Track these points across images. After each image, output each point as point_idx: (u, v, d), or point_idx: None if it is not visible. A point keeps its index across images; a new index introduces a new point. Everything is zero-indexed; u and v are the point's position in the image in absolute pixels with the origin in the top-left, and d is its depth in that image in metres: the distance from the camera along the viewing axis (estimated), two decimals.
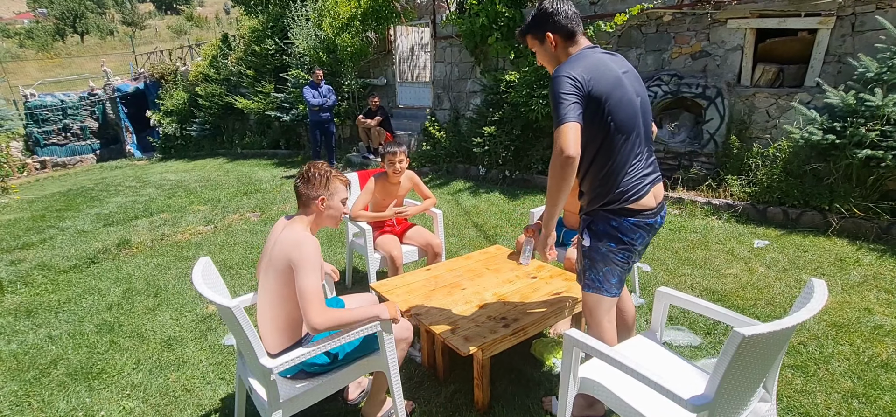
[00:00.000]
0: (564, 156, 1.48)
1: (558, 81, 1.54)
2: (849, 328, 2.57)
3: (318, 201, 1.78)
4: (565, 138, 1.48)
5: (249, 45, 10.87)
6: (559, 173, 1.51)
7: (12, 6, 66.41)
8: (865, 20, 4.16)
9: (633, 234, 1.66)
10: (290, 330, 1.74)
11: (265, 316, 1.74)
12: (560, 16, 1.64)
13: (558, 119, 1.51)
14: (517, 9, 6.26)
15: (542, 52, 1.74)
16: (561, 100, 1.51)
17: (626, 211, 1.64)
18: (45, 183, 10.34)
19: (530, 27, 1.72)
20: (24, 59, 33.76)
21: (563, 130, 1.49)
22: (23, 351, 2.75)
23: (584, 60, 1.58)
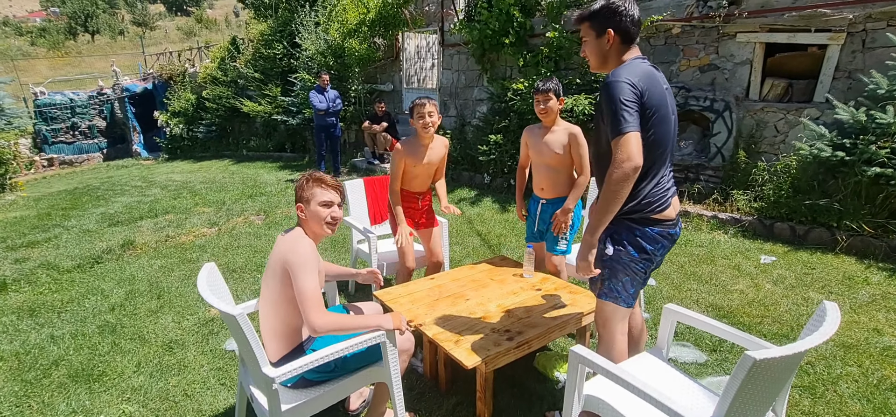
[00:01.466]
0: (632, 165, 1.47)
1: (619, 87, 1.50)
2: (857, 348, 2.53)
3: (298, 211, 1.79)
4: (632, 147, 1.47)
5: (258, 48, 10.95)
6: (623, 184, 1.50)
7: (26, 5, 67.39)
8: (876, 37, 4.14)
9: (655, 244, 1.66)
10: (289, 336, 1.73)
11: (266, 323, 1.74)
12: (627, 18, 1.60)
13: (620, 126, 1.48)
14: (527, 16, 6.28)
15: (594, 46, 1.67)
16: (624, 107, 1.48)
17: (651, 221, 1.64)
18: (51, 180, 10.42)
19: (592, 16, 1.64)
20: (36, 56, 34.18)
21: (629, 139, 1.47)
22: (24, 351, 2.75)
23: (639, 69, 1.56)
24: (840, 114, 3.89)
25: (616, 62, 1.64)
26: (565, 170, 2.62)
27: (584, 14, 1.67)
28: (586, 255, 1.65)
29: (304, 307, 1.59)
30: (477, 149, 6.43)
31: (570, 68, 6.00)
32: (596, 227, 1.62)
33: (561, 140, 2.56)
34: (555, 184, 2.65)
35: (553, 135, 2.59)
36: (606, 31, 1.62)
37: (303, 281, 1.60)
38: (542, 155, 2.63)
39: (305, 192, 1.78)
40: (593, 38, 1.66)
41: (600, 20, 1.62)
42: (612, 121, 1.51)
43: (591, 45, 1.68)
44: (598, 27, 1.63)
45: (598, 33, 1.64)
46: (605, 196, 1.54)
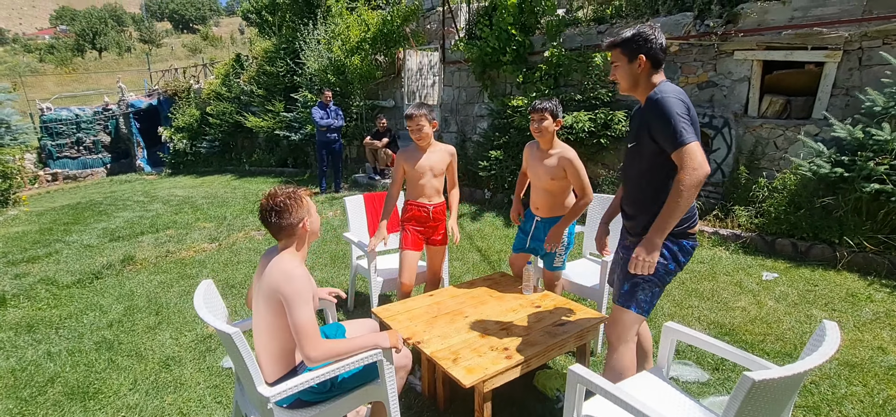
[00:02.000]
0: (703, 172, 1.57)
1: (671, 102, 1.62)
2: (862, 368, 2.50)
3: (302, 225, 1.70)
4: (699, 156, 1.58)
5: (261, 65, 11.11)
6: (694, 191, 1.60)
7: (35, 22, 68.72)
8: (872, 55, 4.17)
9: (687, 257, 1.80)
10: (284, 359, 1.72)
11: (260, 343, 1.71)
12: (656, 46, 1.72)
13: (682, 137, 1.59)
14: (526, 35, 6.36)
15: (626, 70, 1.78)
16: (680, 120, 1.60)
17: (686, 235, 1.78)
18: (55, 195, 10.48)
19: (625, 43, 1.76)
20: (43, 73, 34.69)
21: (694, 149, 1.58)
22: (21, 368, 2.73)
23: (676, 88, 1.70)
24: (838, 132, 3.90)
25: (646, 85, 1.76)
26: (561, 194, 2.62)
27: (615, 40, 1.79)
28: (651, 254, 1.71)
29: (299, 340, 1.57)
30: (477, 164, 6.46)
31: (570, 85, 6.06)
32: (662, 231, 1.68)
33: (554, 164, 2.53)
34: (551, 206, 2.65)
35: (549, 160, 2.55)
36: (638, 56, 1.73)
37: (298, 314, 1.57)
38: (538, 177, 2.63)
39: (305, 204, 1.71)
40: (625, 62, 1.77)
41: (632, 47, 1.74)
42: (671, 133, 1.61)
43: (622, 70, 1.79)
44: (630, 53, 1.75)
45: (629, 59, 1.76)
46: (675, 203, 1.62)
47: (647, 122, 1.71)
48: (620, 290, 1.88)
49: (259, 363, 1.68)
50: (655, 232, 1.70)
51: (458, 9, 8.11)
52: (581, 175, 2.51)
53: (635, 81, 1.78)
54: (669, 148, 1.63)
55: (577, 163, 2.51)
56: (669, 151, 1.64)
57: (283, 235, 1.69)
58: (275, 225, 1.67)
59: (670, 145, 1.62)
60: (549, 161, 2.56)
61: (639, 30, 1.73)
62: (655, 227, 1.70)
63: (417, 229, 2.83)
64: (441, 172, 2.83)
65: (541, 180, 2.61)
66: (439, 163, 2.80)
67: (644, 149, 1.76)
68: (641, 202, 1.83)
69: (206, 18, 69.53)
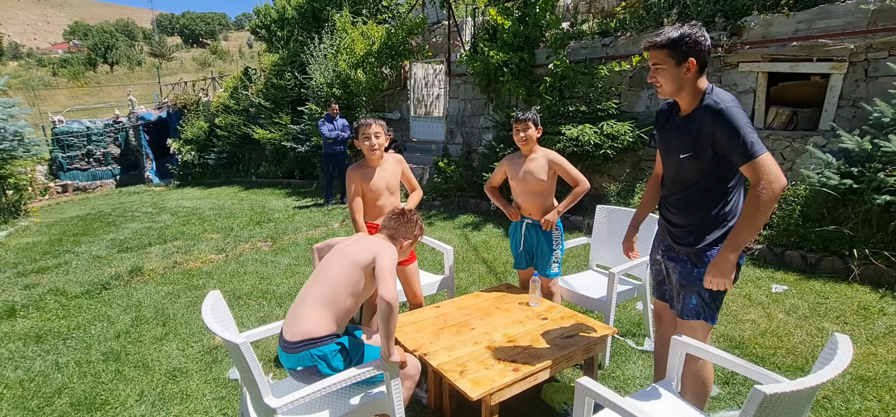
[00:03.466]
0: (780, 185, 1.52)
1: (736, 113, 1.57)
2: (876, 382, 2.45)
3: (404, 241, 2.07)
4: (775, 167, 1.52)
5: (269, 78, 11.27)
6: (772, 205, 1.54)
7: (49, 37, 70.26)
8: (878, 66, 4.17)
9: (742, 260, 1.72)
10: (335, 312, 1.83)
11: (314, 294, 1.84)
12: (705, 47, 1.63)
13: (753, 149, 1.53)
14: (530, 51, 6.42)
15: (672, 73, 1.66)
16: (748, 130, 1.54)
17: None
18: (65, 206, 10.62)
19: (671, 45, 1.63)
20: (56, 86, 35.38)
21: (768, 161, 1.53)
22: (29, 378, 2.75)
23: (730, 95, 1.64)
24: (845, 143, 3.88)
25: (692, 89, 1.68)
26: (549, 193, 2.72)
27: (661, 41, 1.65)
28: (727, 272, 1.65)
29: (385, 279, 1.76)
30: (482, 176, 6.48)
31: (575, 97, 6.08)
32: (736, 248, 1.63)
33: (542, 166, 2.65)
34: (542, 207, 2.73)
35: (534, 163, 2.67)
36: (688, 59, 1.62)
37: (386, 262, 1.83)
38: (526, 183, 2.69)
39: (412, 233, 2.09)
40: (672, 65, 1.65)
41: (682, 49, 1.62)
42: (742, 145, 1.54)
43: (667, 73, 1.67)
44: (679, 56, 1.63)
45: (678, 61, 1.64)
46: (754, 218, 1.57)
47: (711, 133, 1.61)
48: (687, 304, 1.81)
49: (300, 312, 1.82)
50: (730, 249, 1.64)
51: (463, 22, 8.21)
52: (570, 168, 2.65)
53: (681, 85, 1.67)
54: (740, 160, 1.57)
55: (562, 160, 2.67)
56: (739, 163, 1.58)
57: (388, 234, 2.06)
58: (389, 223, 2.07)
59: (741, 157, 1.56)
60: (533, 164, 2.67)
61: (686, 30, 1.62)
62: (730, 244, 1.64)
63: None
64: (397, 188, 2.71)
65: (529, 184, 2.70)
66: (393, 177, 2.68)
67: (702, 159, 1.67)
68: (690, 210, 1.77)
69: (215, 33, 70.82)
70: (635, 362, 2.73)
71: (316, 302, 1.82)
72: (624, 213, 3.12)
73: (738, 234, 1.62)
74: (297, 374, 1.84)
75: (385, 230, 2.09)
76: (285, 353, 1.82)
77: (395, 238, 2.05)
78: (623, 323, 3.21)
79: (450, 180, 7.20)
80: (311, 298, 1.84)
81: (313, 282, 1.89)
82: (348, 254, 1.89)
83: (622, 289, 2.85)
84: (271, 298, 3.86)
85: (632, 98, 5.82)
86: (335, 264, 1.88)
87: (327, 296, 1.83)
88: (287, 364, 1.83)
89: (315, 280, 1.90)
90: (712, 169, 1.68)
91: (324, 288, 1.85)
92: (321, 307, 1.81)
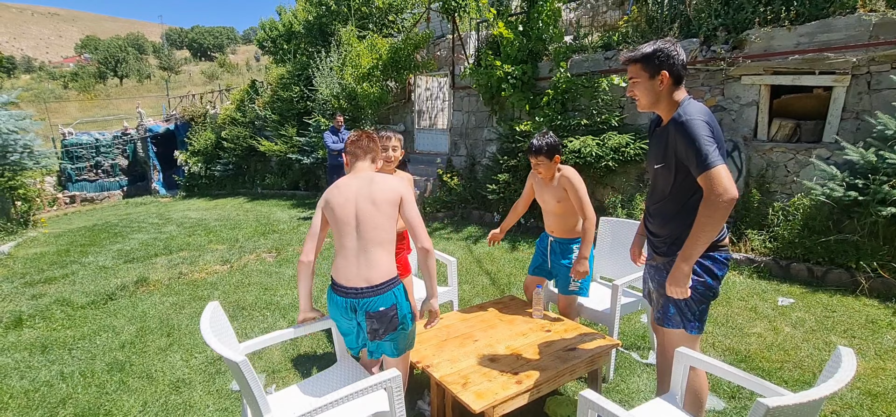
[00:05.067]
0: (729, 197, 1.55)
1: (696, 124, 1.61)
2: (885, 397, 2.41)
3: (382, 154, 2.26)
4: (725, 179, 1.56)
5: (276, 91, 11.42)
6: (722, 215, 1.58)
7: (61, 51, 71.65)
8: (881, 79, 4.17)
9: (723, 269, 1.78)
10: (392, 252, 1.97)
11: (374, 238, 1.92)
12: (678, 61, 1.69)
13: (707, 161, 1.58)
14: (533, 64, 6.48)
15: (646, 86, 1.74)
16: (705, 142, 1.59)
17: (717, 248, 1.77)
18: (72, 217, 10.73)
19: (646, 59, 1.71)
20: (66, 99, 35.98)
21: (721, 172, 1.56)
22: (34, 388, 2.77)
23: (700, 107, 1.69)
24: (849, 155, 3.87)
25: (668, 102, 1.74)
26: (569, 214, 2.67)
27: (635, 56, 1.74)
28: (682, 282, 1.70)
29: (418, 232, 1.98)
30: (486, 187, 6.50)
31: (578, 110, 6.12)
32: (688, 258, 1.68)
33: (559, 191, 2.62)
34: (563, 227, 2.71)
35: (552, 186, 2.65)
36: (660, 73, 1.70)
37: (414, 210, 2.02)
38: (546, 204, 2.73)
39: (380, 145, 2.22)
40: (646, 79, 1.73)
41: (654, 63, 1.70)
42: (697, 157, 1.60)
43: (642, 86, 1.75)
44: (652, 69, 1.71)
45: (650, 75, 1.72)
46: (702, 228, 1.61)
47: (674, 144, 1.69)
48: (665, 313, 1.85)
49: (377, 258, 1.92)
50: (682, 259, 1.68)
51: (467, 36, 8.31)
52: (579, 194, 2.54)
53: (657, 98, 1.74)
54: (695, 171, 1.62)
55: (576, 182, 2.54)
56: (695, 174, 1.62)
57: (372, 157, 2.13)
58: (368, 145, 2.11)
59: (696, 168, 1.61)
60: (551, 187, 2.66)
61: (660, 45, 1.69)
62: (682, 255, 1.68)
63: None
64: None
65: (548, 205, 2.71)
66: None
67: (671, 169, 1.74)
68: (666, 220, 1.83)
69: (223, 46, 71.95)
70: (640, 375, 2.71)
71: (378, 246, 1.92)
72: (627, 225, 3.12)
73: (689, 244, 1.66)
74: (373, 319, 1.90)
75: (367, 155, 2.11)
76: (366, 299, 1.89)
77: (376, 159, 2.15)
78: (627, 335, 3.19)
79: (454, 192, 7.22)
80: (373, 243, 1.92)
81: (362, 231, 1.93)
82: (378, 199, 1.95)
83: (626, 301, 2.84)
84: (275, 309, 3.87)
85: (634, 110, 5.85)
86: (371, 212, 1.94)
87: (385, 239, 1.94)
88: (370, 307, 1.89)
89: (361, 228, 1.93)
90: (683, 180, 1.72)
91: (377, 233, 1.93)
92: (385, 251, 1.94)
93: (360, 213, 1.94)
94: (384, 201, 1.95)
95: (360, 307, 1.91)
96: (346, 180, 2.04)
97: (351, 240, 1.94)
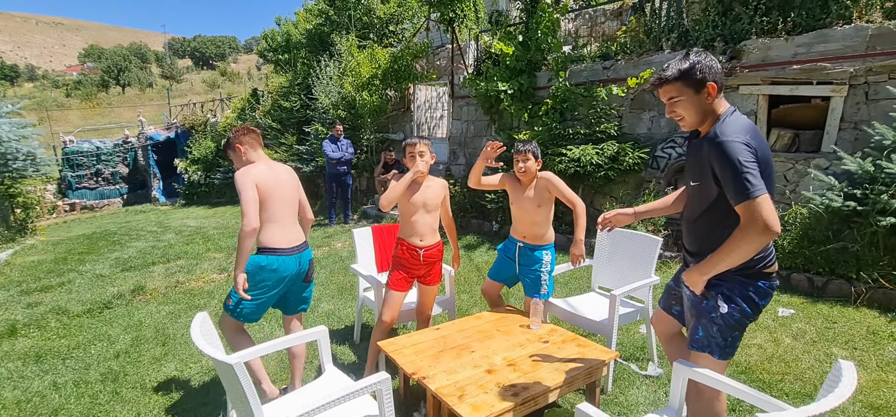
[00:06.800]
0: (772, 232, 1.42)
1: (736, 147, 1.48)
2: (887, 410, 2.38)
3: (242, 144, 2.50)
4: (769, 213, 1.42)
5: (276, 99, 11.48)
6: (756, 247, 1.47)
7: (65, 60, 72.18)
8: (879, 89, 4.18)
9: (764, 299, 1.64)
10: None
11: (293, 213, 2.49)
12: (719, 69, 1.59)
13: (749, 189, 1.44)
14: (531, 74, 6.51)
15: (693, 103, 1.61)
16: (747, 169, 1.45)
17: (762, 275, 1.63)
18: (72, 225, 10.72)
19: (685, 75, 1.59)
20: (69, 107, 36.18)
21: (762, 205, 1.42)
22: (26, 399, 2.74)
23: (744, 122, 1.57)
24: (848, 165, 3.87)
25: (713, 115, 1.62)
26: (544, 222, 2.75)
27: (672, 75, 1.61)
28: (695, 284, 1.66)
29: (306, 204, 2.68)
30: (485, 196, 6.49)
31: (576, 119, 6.13)
32: (707, 272, 1.61)
33: (539, 195, 2.69)
34: (535, 234, 2.77)
35: (531, 192, 2.72)
36: (706, 85, 1.58)
37: None
38: (523, 209, 2.76)
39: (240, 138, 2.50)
40: (691, 95, 1.60)
41: (696, 76, 1.58)
42: (734, 184, 1.47)
43: (687, 104, 1.62)
44: (696, 84, 1.59)
45: (696, 89, 1.59)
46: (731, 251, 1.51)
47: (710, 163, 1.56)
48: (694, 334, 1.75)
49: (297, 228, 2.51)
50: (700, 270, 1.62)
51: (466, 46, 8.37)
52: (562, 188, 2.66)
53: (703, 111, 1.61)
54: (733, 199, 1.49)
55: (556, 180, 2.68)
56: (733, 203, 1.50)
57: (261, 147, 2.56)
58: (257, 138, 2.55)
59: (733, 197, 1.48)
60: (531, 193, 2.71)
61: (695, 57, 1.58)
62: (705, 263, 1.61)
63: (405, 274, 2.64)
64: (435, 208, 2.68)
65: (526, 212, 2.75)
66: (433, 198, 2.65)
67: (707, 188, 1.62)
68: (701, 240, 1.72)
69: (225, 55, 72.48)
70: (639, 387, 2.67)
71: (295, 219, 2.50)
72: (626, 235, 3.11)
73: (713, 260, 1.58)
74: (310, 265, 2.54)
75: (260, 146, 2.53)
76: (302, 253, 2.46)
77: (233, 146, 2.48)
78: (626, 346, 3.16)
79: (453, 201, 7.22)
80: (292, 216, 2.48)
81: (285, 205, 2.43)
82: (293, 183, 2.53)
83: (624, 312, 2.82)
84: (271, 318, 3.84)
85: (633, 120, 5.86)
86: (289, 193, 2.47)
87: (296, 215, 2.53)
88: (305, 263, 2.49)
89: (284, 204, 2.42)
90: (720, 200, 1.59)
91: (296, 207, 2.53)
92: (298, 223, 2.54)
93: (290, 193, 2.47)
94: (294, 187, 2.53)
95: (303, 258, 2.46)
96: (270, 166, 2.44)
97: (289, 213, 2.46)
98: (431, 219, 2.67)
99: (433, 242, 2.68)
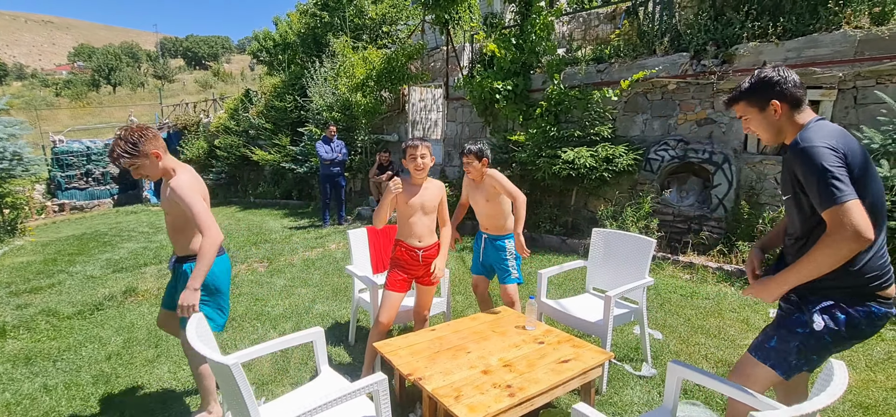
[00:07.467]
0: (863, 238, 1.34)
1: (819, 151, 1.41)
2: (876, 409, 2.42)
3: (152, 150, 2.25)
4: (856, 218, 1.34)
5: (270, 100, 11.41)
6: (844, 256, 1.38)
7: (54, 59, 71.27)
8: (867, 94, 4.26)
9: (875, 327, 1.50)
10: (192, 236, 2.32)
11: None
12: (788, 84, 1.55)
13: (836, 194, 1.36)
14: (526, 76, 6.54)
15: (760, 120, 1.61)
16: (833, 174, 1.37)
17: (875, 297, 1.49)
18: (61, 225, 10.56)
19: (747, 94, 1.61)
20: (58, 107, 35.69)
21: (850, 209, 1.34)
22: (15, 402, 2.69)
23: (828, 129, 1.49)
24: None
25: (793, 128, 1.58)
26: (497, 214, 2.99)
27: (737, 94, 1.63)
28: (775, 293, 1.57)
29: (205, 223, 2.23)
30: None
31: (571, 122, 6.17)
32: (786, 283, 1.53)
33: (487, 190, 2.95)
34: (494, 225, 3.03)
35: (481, 189, 2.98)
36: (770, 102, 1.57)
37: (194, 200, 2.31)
38: (477, 204, 3.05)
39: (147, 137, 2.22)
40: (757, 113, 1.61)
41: (758, 95, 1.58)
42: (818, 189, 1.40)
43: (756, 121, 1.63)
44: (760, 102, 1.59)
45: (760, 108, 1.59)
46: (814, 260, 1.43)
47: (794, 173, 1.50)
48: (765, 342, 1.63)
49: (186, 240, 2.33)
50: (778, 282, 1.54)
51: (461, 48, 8.39)
52: (505, 183, 2.88)
53: (778, 130, 1.59)
54: (819, 206, 1.42)
55: (499, 176, 2.92)
56: (819, 210, 1.42)
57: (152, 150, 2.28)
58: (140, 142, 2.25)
59: (819, 203, 1.41)
60: (481, 189, 2.98)
61: (761, 74, 1.58)
62: (784, 274, 1.53)
63: (404, 275, 2.67)
64: (433, 209, 2.71)
65: (480, 206, 3.03)
66: (431, 200, 2.69)
67: (799, 200, 1.55)
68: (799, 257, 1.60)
69: (218, 55, 71.99)
70: (633, 388, 2.70)
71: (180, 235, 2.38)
72: (620, 236, 3.14)
73: (794, 270, 1.49)
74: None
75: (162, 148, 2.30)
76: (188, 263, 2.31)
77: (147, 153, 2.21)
78: (620, 347, 3.18)
79: (447, 202, 7.22)
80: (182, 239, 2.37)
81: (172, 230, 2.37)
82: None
83: (619, 313, 2.84)
84: (266, 320, 3.82)
85: (627, 122, 5.91)
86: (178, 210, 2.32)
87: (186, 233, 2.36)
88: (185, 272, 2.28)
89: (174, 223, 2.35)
90: (813, 212, 1.49)
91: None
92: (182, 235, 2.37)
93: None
94: None
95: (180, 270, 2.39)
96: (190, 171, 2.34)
97: None
98: (429, 221, 2.72)
99: (431, 243, 2.73)
